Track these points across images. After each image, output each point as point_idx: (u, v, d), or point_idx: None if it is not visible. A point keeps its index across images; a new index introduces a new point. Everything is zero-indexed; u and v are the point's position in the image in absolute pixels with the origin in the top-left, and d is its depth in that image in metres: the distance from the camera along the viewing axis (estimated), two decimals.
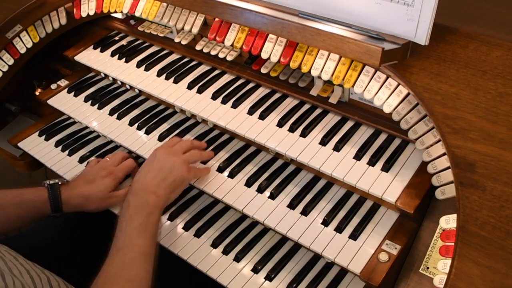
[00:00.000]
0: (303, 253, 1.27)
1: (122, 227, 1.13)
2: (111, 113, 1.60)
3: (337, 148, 1.24)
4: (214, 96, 1.44)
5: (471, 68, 1.06)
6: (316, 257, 1.25)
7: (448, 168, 1.03)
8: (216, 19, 1.39)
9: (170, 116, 1.57)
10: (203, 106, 1.43)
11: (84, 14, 1.72)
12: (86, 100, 1.67)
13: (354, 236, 1.15)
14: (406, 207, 1.09)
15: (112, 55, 1.70)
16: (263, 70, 1.43)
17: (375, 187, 1.14)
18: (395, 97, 1.12)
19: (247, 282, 1.21)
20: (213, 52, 1.51)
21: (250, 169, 1.35)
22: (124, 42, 1.76)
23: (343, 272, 1.21)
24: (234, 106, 1.40)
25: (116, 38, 1.79)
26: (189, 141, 1.38)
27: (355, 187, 1.17)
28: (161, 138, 1.48)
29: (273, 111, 1.37)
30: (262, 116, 1.36)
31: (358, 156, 1.22)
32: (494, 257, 0.85)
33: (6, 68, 1.71)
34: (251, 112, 1.38)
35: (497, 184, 0.90)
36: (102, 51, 1.73)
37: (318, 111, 1.36)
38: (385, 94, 1.13)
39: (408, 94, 1.11)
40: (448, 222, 1.00)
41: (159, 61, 1.63)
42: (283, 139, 1.29)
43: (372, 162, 1.19)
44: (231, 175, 1.33)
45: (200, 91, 1.47)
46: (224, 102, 1.42)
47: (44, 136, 1.68)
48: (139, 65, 1.62)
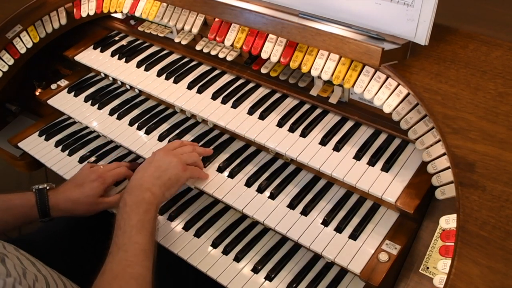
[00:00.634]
0: (303, 253, 1.27)
1: (120, 225, 1.14)
2: (111, 113, 1.60)
3: (337, 148, 1.24)
4: (214, 96, 1.44)
5: (471, 68, 1.06)
6: (316, 257, 1.25)
7: (448, 168, 1.03)
8: (216, 19, 1.39)
9: (170, 116, 1.57)
10: (203, 106, 1.43)
11: (84, 14, 1.72)
12: (86, 100, 1.67)
13: (354, 236, 1.15)
14: (406, 207, 1.09)
15: (112, 55, 1.70)
16: (263, 70, 1.43)
17: (375, 187, 1.14)
18: (395, 97, 1.13)
19: (247, 282, 1.21)
20: (213, 52, 1.51)
21: (250, 169, 1.35)
22: (124, 42, 1.76)
23: (343, 272, 1.21)
24: (234, 106, 1.41)
25: (116, 38, 1.79)
26: (190, 146, 1.37)
27: (355, 187, 1.17)
28: (161, 138, 1.48)
29: (273, 111, 1.38)
30: (262, 116, 1.36)
31: (358, 156, 1.22)
32: (494, 257, 0.85)
33: (6, 68, 1.71)
34: (251, 112, 1.38)
35: (497, 184, 0.91)
36: (102, 51, 1.73)
37: (318, 111, 1.36)
38: (385, 94, 1.13)
39: (408, 94, 1.11)
40: (448, 222, 1.00)
41: (159, 61, 1.63)
42: (283, 139, 1.29)
43: (372, 162, 1.20)
44: (231, 175, 1.33)
45: (200, 91, 1.47)
46: (224, 102, 1.42)
47: (44, 136, 1.68)
48: (139, 65, 1.62)
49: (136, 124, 1.53)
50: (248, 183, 1.31)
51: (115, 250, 1.10)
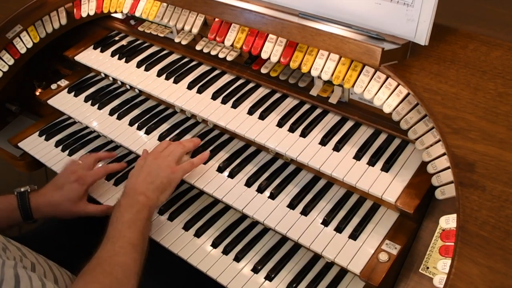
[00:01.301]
0: (303, 253, 1.27)
1: (113, 222, 1.18)
2: (111, 113, 1.60)
3: (337, 148, 1.24)
4: (214, 96, 1.45)
5: (471, 68, 1.06)
6: (316, 257, 1.25)
7: (448, 168, 1.03)
8: (216, 19, 1.39)
9: (170, 116, 1.57)
10: (203, 106, 1.43)
11: (84, 14, 1.72)
12: (86, 100, 1.67)
13: (354, 236, 1.15)
14: (406, 207, 1.09)
15: (112, 55, 1.70)
16: (263, 70, 1.43)
17: (375, 187, 1.14)
18: (395, 97, 1.13)
19: (247, 282, 1.21)
20: (213, 52, 1.51)
21: (250, 169, 1.35)
22: (124, 42, 1.76)
23: (343, 272, 1.21)
24: (234, 106, 1.41)
25: (116, 38, 1.79)
26: (177, 143, 1.38)
27: (355, 187, 1.17)
28: (161, 138, 1.48)
29: (273, 111, 1.38)
30: (262, 116, 1.36)
31: (358, 156, 1.22)
32: (494, 257, 0.85)
33: (6, 68, 1.71)
34: (251, 112, 1.38)
35: (496, 184, 0.91)
36: (102, 51, 1.73)
37: (318, 111, 1.36)
38: (385, 94, 1.13)
39: (408, 94, 1.11)
40: (448, 222, 1.00)
41: (159, 61, 1.63)
42: (283, 139, 1.29)
43: (372, 162, 1.20)
44: (231, 175, 1.33)
45: (200, 91, 1.47)
46: (224, 102, 1.42)
47: (44, 136, 1.68)
48: (139, 65, 1.62)
49: (136, 124, 1.54)
50: (248, 183, 1.31)
51: (105, 242, 1.14)
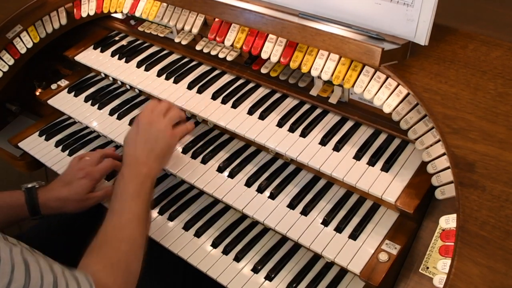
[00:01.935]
0: (303, 253, 1.27)
1: (117, 194, 1.17)
2: (111, 113, 1.60)
3: (337, 148, 1.24)
4: (214, 96, 1.45)
5: (471, 68, 1.06)
6: (316, 257, 1.25)
7: (447, 168, 1.03)
8: (216, 19, 1.39)
9: None
10: (203, 106, 1.43)
11: (84, 14, 1.73)
12: (86, 100, 1.67)
13: (354, 236, 1.15)
14: (406, 207, 1.09)
15: (112, 55, 1.70)
16: (263, 70, 1.43)
17: (375, 187, 1.14)
18: (395, 97, 1.13)
19: (247, 282, 1.21)
20: (213, 52, 1.51)
21: (250, 169, 1.35)
22: (124, 42, 1.76)
23: (343, 272, 1.21)
24: (234, 106, 1.41)
25: (116, 38, 1.79)
26: (167, 102, 1.37)
27: (355, 187, 1.17)
28: None
29: (273, 111, 1.38)
30: (262, 116, 1.36)
31: (358, 156, 1.22)
32: (493, 257, 0.85)
33: (6, 68, 1.71)
34: (251, 112, 1.38)
35: (496, 184, 0.91)
36: (102, 51, 1.73)
37: (318, 111, 1.36)
38: (385, 94, 1.14)
39: (408, 94, 1.12)
40: (448, 222, 1.00)
41: (159, 61, 1.63)
42: (283, 139, 1.29)
43: (372, 162, 1.20)
44: (231, 175, 1.33)
45: (200, 91, 1.47)
46: (224, 102, 1.42)
47: (44, 136, 1.68)
48: (139, 65, 1.62)
49: None
50: (248, 183, 1.31)
51: (110, 215, 1.13)
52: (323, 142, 1.27)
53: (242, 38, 1.34)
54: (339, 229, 1.17)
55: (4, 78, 1.73)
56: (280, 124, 1.33)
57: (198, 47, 1.53)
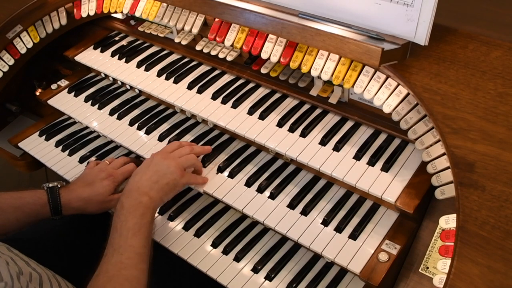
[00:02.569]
0: (303, 253, 1.27)
1: (117, 228, 1.14)
2: (111, 113, 1.60)
3: (337, 148, 1.25)
4: (214, 96, 1.45)
5: (471, 68, 1.06)
6: (316, 257, 1.25)
7: (447, 168, 1.03)
8: (216, 19, 1.39)
9: (170, 116, 1.57)
10: (203, 106, 1.43)
11: (84, 15, 1.73)
12: (87, 100, 1.67)
13: (354, 236, 1.15)
14: (405, 207, 1.09)
15: (112, 55, 1.70)
16: (263, 70, 1.44)
17: (375, 187, 1.14)
18: (395, 97, 1.13)
19: (247, 282, 1.21)
20: (213, 53, 1.51)
21: (250, 169, 1.35)
22: (124, 43, 1.76)
23: (343, 272, 1.21)
24: (234, 106, 1.41)
25: (116, 39, 1.79)
26: (189, 147, 1.36)
27: (355, 187, 1.17)
28: (161, 138, 1.48)
29: (273, 111, 1.38)
30: (262, 116, 1.36)
31: (358, 156, 1.22)
32: (493, 257, 0.85)
33: (6, 69, 1.71)
34: (251, 112, 1.38)
35: (496, 184, 0.91)
36: (102, 51, 1.73)
37: (318, 111, 1.36)
38: (384, 94, 1.14)
39: (408, 94, 1.12)
40: (448, 222, 1.00)
41: (159, 61, 1.63)
42: (283, 139, 1.29)
43: (371, 162, 1.20)
44: (231, 175, 1.33)
45: (200, 91, 1.47)
46: (224, 102, 1.43)
47: (44, 136, 1.68)
48: (139, 65, 1.62)
49: (136, 124, 1.54)
50: (248, 183, 1.31)
51: (111, 251, 1.11)
52: (323, 142, 1.27)
53: (242, 38, 1.34)
54: (339, 229, 1.17)
55: (4, 78, 1.73)
56: (280, 124, 1.33)
57: (198, 47, 1.54)
